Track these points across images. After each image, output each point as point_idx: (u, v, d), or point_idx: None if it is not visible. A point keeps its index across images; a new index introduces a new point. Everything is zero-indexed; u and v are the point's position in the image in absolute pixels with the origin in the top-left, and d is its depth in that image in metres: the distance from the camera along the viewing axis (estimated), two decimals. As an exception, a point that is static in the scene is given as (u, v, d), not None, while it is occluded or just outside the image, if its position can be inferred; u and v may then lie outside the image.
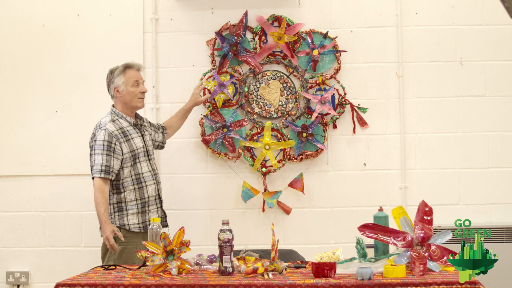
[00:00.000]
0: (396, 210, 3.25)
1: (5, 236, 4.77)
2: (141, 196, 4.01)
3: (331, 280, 2.87)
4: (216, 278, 3.00)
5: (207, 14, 4.73)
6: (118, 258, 3.85)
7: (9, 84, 4.79)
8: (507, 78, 4.62)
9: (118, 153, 3.93)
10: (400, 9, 4.66)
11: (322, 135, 4.63)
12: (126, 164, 3.97)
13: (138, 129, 4.10)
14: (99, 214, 3.83)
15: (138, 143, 4.04)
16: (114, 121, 4.01)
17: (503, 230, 4.40)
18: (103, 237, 3.84)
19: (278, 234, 4.43)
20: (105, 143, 3.91)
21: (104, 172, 3.87)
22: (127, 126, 4.04)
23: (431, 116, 4.65)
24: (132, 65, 4.10)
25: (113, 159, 3.90)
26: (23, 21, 4.78)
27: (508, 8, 3.18)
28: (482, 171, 4.61)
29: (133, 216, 3.98)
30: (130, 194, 3.99)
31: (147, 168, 4.05)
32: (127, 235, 3.93)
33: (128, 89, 4.05)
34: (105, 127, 3.95)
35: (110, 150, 3.90)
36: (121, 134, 3.97)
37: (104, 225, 3.82)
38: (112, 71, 4.09)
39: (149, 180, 4.04)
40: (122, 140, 3.96)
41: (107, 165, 3.88)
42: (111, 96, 4.10)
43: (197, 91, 4.49)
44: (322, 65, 4.65)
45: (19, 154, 4.76)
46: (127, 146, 3.97)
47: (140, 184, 4.01)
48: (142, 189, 4.01)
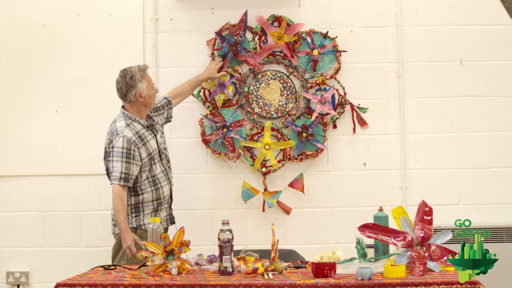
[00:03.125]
0: (396, 210, 3.25)
1: (5, 236, 4.77)
2: (157, 197, 4.03)
3: (331, 280, 2.87)
4: (216, 278, 3.00)
5: (207, 14, 4.73)
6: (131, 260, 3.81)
7: (9, 84, 4.79)
8: (507, 78, 4.62)
9: (137, 159, 3.92)
10: (400, 9, 4.66)
11: (322, 135, 4.63)
12: (144, 168, 3.97)
13: (151, 130, 4.09)
14: (119, 222, 3.81)
15: (153, 145, 4.04)
16: (129, 125, 3.96)
17: (503, 230, 4.40)
18: (124, 246, 3.80)
19: (278, 234, 4.43)
20: (124, 150, 3.88)
21: (124, 179, 3.86)
22: (141, 129, 4.00)
23: (431, 116, 4.64)
24: (146, 68, 4.04)
25: (132, 166, 3.89)
26: (23, 21, 4.78)
27: (508, 8, 3.18)
28: (482, 171, 4.61)
29: (148, 216, 4.00)
30: (148, 196, 4.00)
31: (160, 169, 4.06)
32: (144, 234, 3.89)
33: (150, 93, 4.00)
34: (123, 134, 3.90)
35: (129, 157, 3.89)
36: (138, 139, 3.95)
37: (124, 233, 3.79)
38: (131, 76, 3.96)
39: (163, 181, 4.07)
40: (140, 145, 3.95)
41: (126, 172, 3.86)
42: (129, 100, 3.98)
43: (214, 65, 4.54)
44: (322, 65, 4.65)
45: (19, 154, 4.76)
46: (144, 151, 3.96)
47: (156, 185, 4.02)
48: (159, 190, 4.03)
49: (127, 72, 3.99)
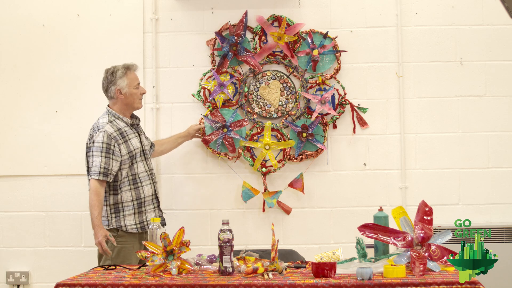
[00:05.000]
0: (396, 210, 3.25)
1: (5, 236, 4.77)
2: (137, 196, 4.01)
3: (331, 280, 2.87)
4: (216, 278, 3.00)
5: (207, 14, 4.73)
6: (116, 258, 3.86)
7: (9, 84, 4.79)
8: (507, 78, 4.62)
9: (117, 154, 3.93)
10: (400, 9, 4.66)
11: (322, 135, 4.62)
12: (124, 165, 3.98)
13: (135, 129, 4.10)
14: (93, 217, 3.84)
15: (136, 143, 4.05)
16: (112, 122, 4.01)
17: (503, 230, 4.41)
18: (95, 241, 3.85)
19: (278, 234, 4.43)
20: (104, 145, 3.91)
21: (103, 174, 3.88)
22: (125, 127, 4.04)
23: (431, 116, 4.65)
24: (132, 67, 4.10)
25: (112, 161, 3.91)
26: (23, 21, 4.78)
27: (508, 8, 3.18)
28: (482, 171, 4.61)
29: (130, 217, 3.99)
30: (127, 195, 3.99)
31: (143, 168, 4.06)
32: (125, 236, 3.94)
33: (132, 91, 4.05)
34: (103, 129, 3.95)
35: (109, 152, 3.91)
36: (119, 136, 3.98)
37: (96, 229, 3.84)
38: (112, 72, 4.06)
39: (145, 180, 4.05)
40: (121, 141, 3.97)
41: (105, 167, 3.89)
42: (110, 97, 4.08)
43: (196, 127, 4.53)
44: (322, 65, 4.65)
45: (19, 154, 4.76)
46: (125, 148, 3.98)
47: (136, 184, 4.01)
48: (138, 189, 4.02)
49: (110, 68, 4.09)
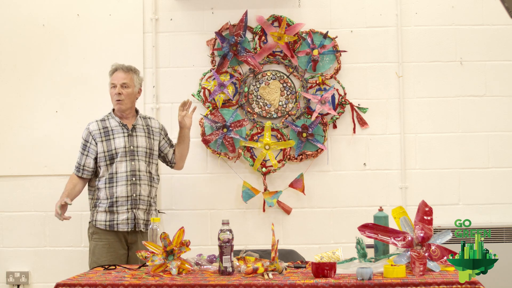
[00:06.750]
0: (396, 210, 3.25)
1: (5, 236, 4.77)
2: (110, 195, 4.07)
3: (331, 280, 2.87)
4: (216, 278, 3.00)
5: (207, 14, 4.73)
6: (92, 254, 4.07)
7: (9, 84, 4.79)
8: (507, 78, 4.62)
9: (92, 152, 4.10)
10: (400, 9, 4.66)
11: (322, 135, 4.63)
12: (101, 163, 4.08)
13: (129, 129, 4.10)
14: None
15: (119, 143, 4.08)
16: (104, 120, 4.15)
17: (503, 230, 4.40)
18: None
19: (278, 234, 4.43)
20: (83, 142, 4.14)
21: (76, 169, 4.14)
22: (115, 126, 4.13)
23: (431, 116, 4.65)
24: (114, 67, 4.18)
25: (85, 157, 4.10)
26: (23, 21, 4.78)
27: (508, 8, 3.18)
28: (482, 171, 4.61)
29: (101, 214, 4.09)
30: (101, 192, 4.09)
31: (124, 168, 4.07)
32: (98, 232, 4.08)
33: (110, 91, 4.17)
34: (88, 126, 4.15)
35: (85, 149, 4.12)
36: (102, 133, 4.10)
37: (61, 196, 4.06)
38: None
39: (121, 181, 4.06)
40: (100, 139, 4.09)
41: (79, 163, 4.12)
42: None
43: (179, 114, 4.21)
44: (322, 65, 4.65)
45: (19, 154, 4.76)
46: (105, 146, 4.08)
47: (111, 183, 4.07)
48: (112, 189, 4.07)
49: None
